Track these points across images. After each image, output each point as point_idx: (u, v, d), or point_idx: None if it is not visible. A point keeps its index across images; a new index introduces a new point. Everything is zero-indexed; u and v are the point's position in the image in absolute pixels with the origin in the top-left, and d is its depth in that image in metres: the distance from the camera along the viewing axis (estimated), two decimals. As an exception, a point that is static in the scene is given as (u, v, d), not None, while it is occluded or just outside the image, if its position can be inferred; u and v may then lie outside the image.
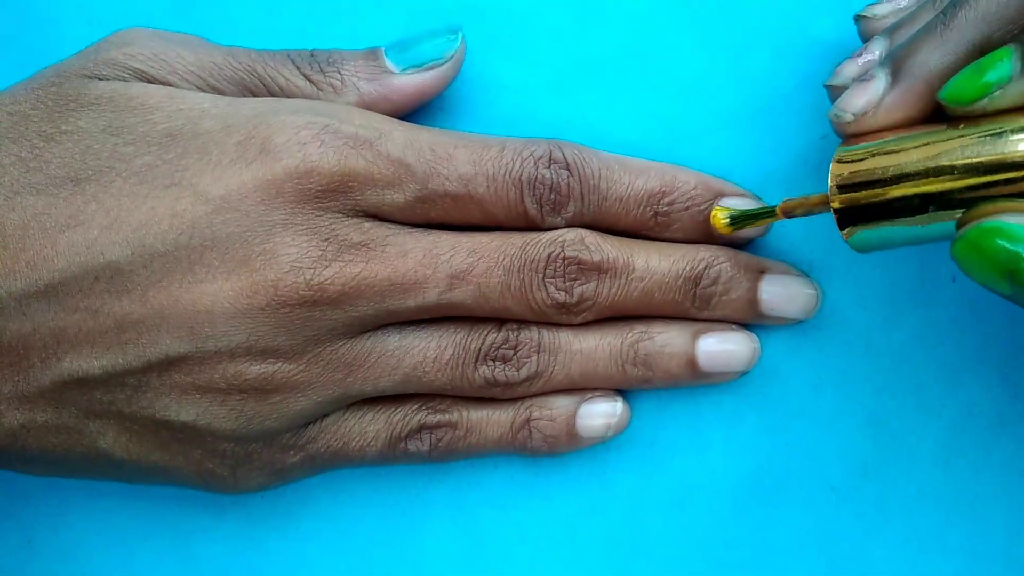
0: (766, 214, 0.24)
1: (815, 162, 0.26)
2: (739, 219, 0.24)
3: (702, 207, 0.25)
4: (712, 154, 0.26)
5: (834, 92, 0.23)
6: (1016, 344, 0.26)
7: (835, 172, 0.21)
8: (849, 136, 0.22)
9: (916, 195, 0.20)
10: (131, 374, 0.22)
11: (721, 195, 0.25)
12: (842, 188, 0.21)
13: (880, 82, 0.21)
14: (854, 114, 0.21)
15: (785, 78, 0.26)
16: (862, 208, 0.21)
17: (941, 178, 0.20)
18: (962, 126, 0.20)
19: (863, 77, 0.21)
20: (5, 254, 0.22)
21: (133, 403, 0.23)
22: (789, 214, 0.23)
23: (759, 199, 0.26)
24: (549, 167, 0.24)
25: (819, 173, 0.26)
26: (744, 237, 0.26)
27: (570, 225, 0.24)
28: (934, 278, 0.26)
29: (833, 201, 0.21)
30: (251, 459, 0.24)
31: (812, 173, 0.26)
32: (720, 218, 0.25)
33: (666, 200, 0.25)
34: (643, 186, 0.25)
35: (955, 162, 0.20)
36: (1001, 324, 0.26)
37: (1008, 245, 0.19)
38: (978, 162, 0.20)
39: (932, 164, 0.20)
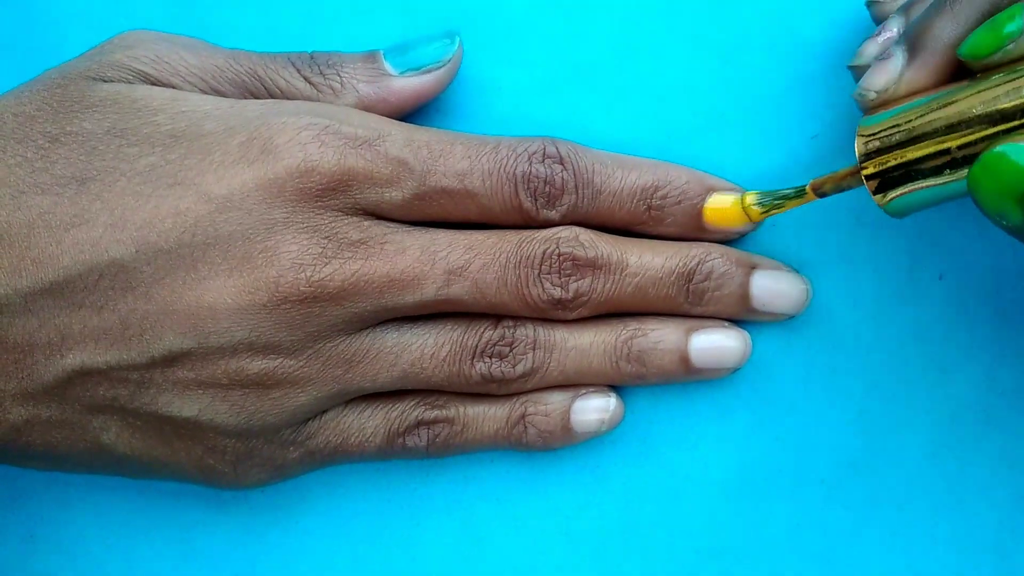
0: (796, 195, 0.24)
1: (806, 161, 0.26)
2: (769, 203, 0.25)
3: (694, 201, 0.25)
4: (704, 154, 0.26)
5: (857, 72, 0.24)
6: (1002, 341, 0.27)
7: (860, 141, 0.22)
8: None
9: (942, 150, 0.21)
10: (135, 370, 0.23)
11: (712, 190, 0.25)
12: (870, 155, 0.22)
13: (898, 59, 0.22)
14: (877, 92, 0.22)
15: (775, 78, 0.26)
16: (892, 171, 0.22)
17: (963, 129, 0.21)
18: (978, 76, 0.21)
19: (882, 56, 0.22)
20: (11, 252, 0.22)
21: (136, 399, 0.23)
22: (819, 191, 0.24)
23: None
24: (543, 162, 0.24)
25: (810, 172, 0.26)
26: (737, 233, 0.26)
27: (564, 219, 0.25)
28: (923, 276, 0.27)
29: (864, 169, 0.22)
30: (252, 455, 0.24)
31: (803, 172, 0.26)
32: (750, 205, 0.25)
33: (659, 194, 0.25)
34: (636, 180, 0.25)
35: (974, 112, 0.20)
36: (988, 321, 0.27)
37: (1021, 168, 0.19)
38: (996, 109, 0.20)
39: (954, 118, 0.21)
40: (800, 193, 0.24)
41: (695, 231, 0.26)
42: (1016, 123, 0.20)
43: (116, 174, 0.23)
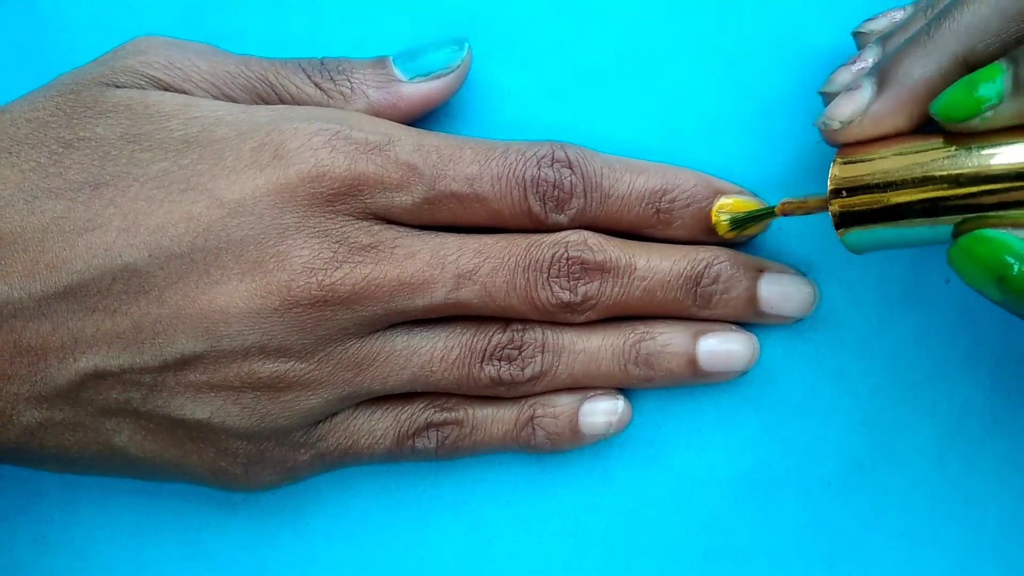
0: (765, 214, 0.25)
1: (812, 165, 0.26)
2: (740, 221, 0.25)
3: (703, 204, 0.25)
4: (711, 158, 0.27)
5: (828, 99, 0.24)
6: (1008, 344, 0.27)
7: (834, 176, 0.22)
8: (839, 144, 0.22)
9: (909, 203, 0.21)
10: (147, 373, 0.23)
11: (720, 193, 0.25)
12: (839, 192, 0.22)
13: (866, 91, 0.22)
14: (841, 122, 0.22)
15: (782, 83, 0.26)
16: (858, 213, 0.22)
17: (932, 187, 0.21)
18: (954, 148, 0.21)
19: (851, 86, 0.22)
20: (25, 257, 0.22)
21: (149, 401, 0.23)
22: (788, 214, 0.24)
23: (757, 196, 0.26)
24: (552, 166, 0.24)
25: (816, 176, 0.26)
26: (745, 237, 0.26)
27: (573, 223, 0.25)
28: (928, 280, 0.27)
29: (832, 205, 0.22)
30: (263, 457, 0.24)
31: (809, 176, 0.26)
32: (721, 220, 0.25)
33: (667, 198, 0.25)
34: (644, 184, 0.25)
35: (946, 173, 0.21)
36: (994, 325, 0.27)
37: (996, 253, 0.20)
38: (967, 174, 0.20)
39: (925, 174, 0.21)
40: (768, 214, 0.24)
41: (703, 234, 0.26)
42: (984, 188, 0.20)
43: (129, 179, 0.23)
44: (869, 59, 0.23)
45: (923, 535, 0.27)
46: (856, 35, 0.25)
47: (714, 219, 0.25)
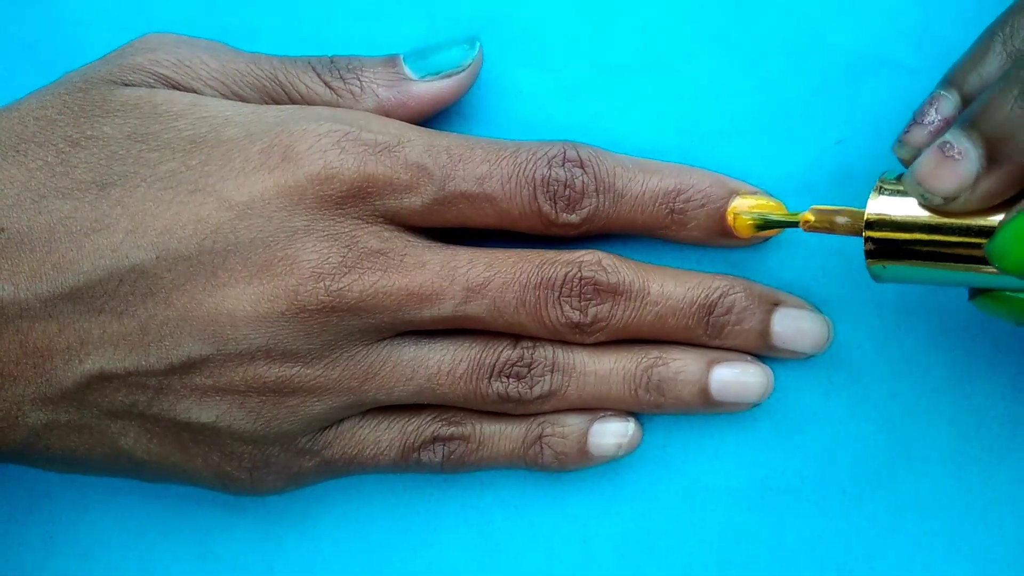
0: (788, 223, 0.24)
1: (830, 166, 0.26)
2: (763, 226, 0.25)
3: (718, 204, 0.25)
4: (728, 158, 0.26)
5: (904, 162, 0.23)
6: (1027, 352, 0.26)
7: (874, 206, 0.21)
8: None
9: (953, 249, 0.20)
10: (153, 375, 0.23)
11: (736, 193, 0.25)
12: (877, 225, 0.21)
13: (972, 163, 0.20)
14: (944, 198, 0.20)
15: (799, 82, 0.26)
16: (894, 249, 0.21)
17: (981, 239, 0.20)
18: None
19: (948, 151, 0.20)
20: (32, 257, 0.22)
21: (154, 404, 0.23)
22: (813, 231, 0.23)
23: (774, 197, 0.26)
24: (563, 166, 0.24)
25: (833, 177, 0.26)
26: (762, 237, 0.26)
27: (585, 223, 0.25)
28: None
29: (867, 241, 0.21)
30: (268, 463, 0.24)
31: (827, 177, 0.26)
32: (744, 221, 0.25)
33: (682, 198, 0.25)
34: (658, 184, 0.25)
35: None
36: (1013, 330, 0.26)
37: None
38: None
39: (975, 224, 0.20)
40: (791, 224, 0.24)
41: (718, 235, 0.25)
42: None
43: (136, 179, 0.23)
44: (947, 111, 0.22)
45: (940, 544, 0.27)
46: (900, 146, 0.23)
47: (731, 219, 0.25)
